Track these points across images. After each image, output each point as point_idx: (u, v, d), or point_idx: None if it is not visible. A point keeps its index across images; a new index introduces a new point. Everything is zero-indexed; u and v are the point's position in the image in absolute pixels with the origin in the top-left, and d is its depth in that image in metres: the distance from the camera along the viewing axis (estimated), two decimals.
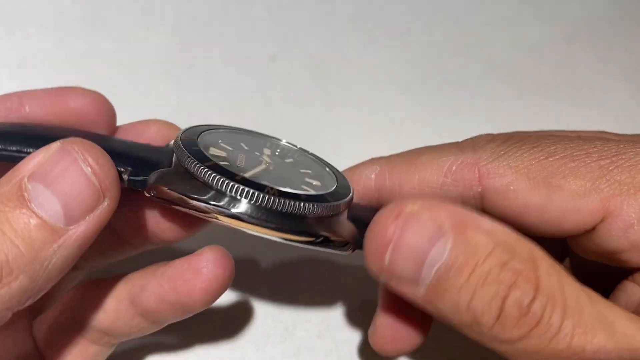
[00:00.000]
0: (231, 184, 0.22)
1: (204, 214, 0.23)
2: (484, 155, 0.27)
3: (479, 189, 0.26)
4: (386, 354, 0.29)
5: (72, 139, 0.22)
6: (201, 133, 0.25)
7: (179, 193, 0.23)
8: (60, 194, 0.21)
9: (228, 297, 0.39)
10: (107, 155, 0.22)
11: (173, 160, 0.25)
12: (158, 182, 0.24)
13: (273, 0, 0.48)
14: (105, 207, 0.22)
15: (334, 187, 0.26)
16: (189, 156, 0.23)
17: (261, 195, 0.22)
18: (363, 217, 0.25)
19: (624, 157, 0.25)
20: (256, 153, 0.26)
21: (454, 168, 0.27)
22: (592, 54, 0.49)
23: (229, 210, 0.22)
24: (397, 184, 0.28)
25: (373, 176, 0.29)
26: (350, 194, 0.26)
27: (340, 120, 0.45)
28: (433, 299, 0.21)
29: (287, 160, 0.27)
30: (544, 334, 0.20)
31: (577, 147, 0.25)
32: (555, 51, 0.49)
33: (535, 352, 0.20)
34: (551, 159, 0.25)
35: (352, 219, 0.26)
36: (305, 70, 0.47)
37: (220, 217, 0.23)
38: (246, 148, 0.26)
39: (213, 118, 0.39)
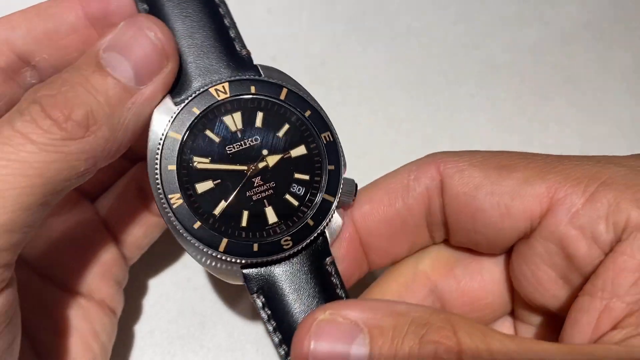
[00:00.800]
0: None
1: None
2: (440, 155, 0.29)
3: (439, 180, 0.28)
4: None
5: (138, 14, 0.26)
6: None
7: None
8: (131, 58, 0.24)
9: (228, 298, 0.39)
10: (167, 27, 0.26)
11: None
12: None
13: (273, 1, 0.48)
14: (169, 69, 0.26)
15: None
16: None
17: None
18: None
19: (567, 160, 0.27)
20: None
21: (414, 167, 0.29)
22: (592, 54, 0.49)
23: None
24: (369, 202, 0.30)
25: (348, 234, 0.30)
26: None
27: (340, 121, 0.45)
28: None
29: None
30: None
31: (524, 153, 0.28)
32: (555, 51, 0.49)
33: None
34: (502, 156, 0.28)
35: None
36: (305, 71, 0.47)
37: None
38: None
39: None
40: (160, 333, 0.38)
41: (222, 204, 0.26)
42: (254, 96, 0.27)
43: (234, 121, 0.27)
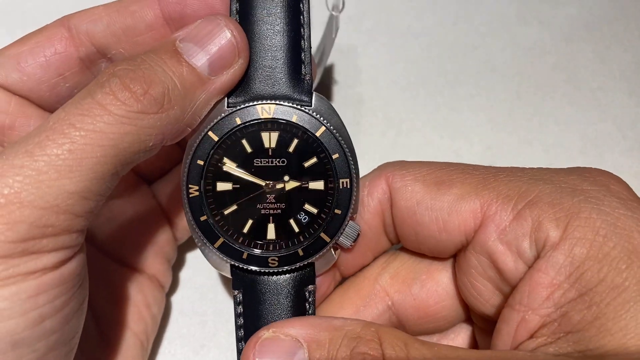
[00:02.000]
0: None
1: None
2: (390, 167, 0.31)
3: (388, 194, 0.30)
4: None
5: (217, 13, 0.28)
6: None
7: None
8: (206, 49, 0.26)
9: (228, 298, 0.39)
10: (241, 28, 0.28)
11: None
12: None
13: None
14: (240, 64, 0.28)
15: None
16: None
17: None
18: None
19: (503, 173, 0.29)
20: None
21: (367, 182, 0.31)
22: (591, 53, 0.49)
23: None
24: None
25: None
26: None
27: None
28: None
29: None
30: None
31: (466, 166, 0.30)
32: (554, 51, 0.49)
33: None
34: (445, 170, 0.30)
35: None
36: None
37: None
38: None
39: None
40: (161, 332, 0.38)
41: (233, 207, 0.29)
42: (294, 124, 0.29)
43: (269, 139, 0.29)
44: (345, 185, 0.29)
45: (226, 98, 0.29)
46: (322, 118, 0.29)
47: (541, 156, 0.45)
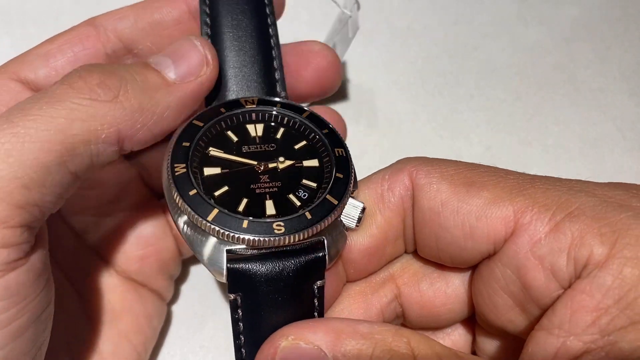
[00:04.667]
0: None
1: None
2: (413, 162, 0.28)
3: (410, 190, 0.27)
4: None
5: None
6: None
7: None
8: (174, 57, 0.27)
9: (227, 298, 0.39)
10: (212, 45, 0.28)
11: None
12: None
13: None
14: (208, 74, 0.27)
15: None
16: None
17: None
18: None
19: (540, 181, 0.26)
20: None
21: (387, 176, 0.28)
22: (591, 54, 0.49)
23: None
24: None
25: None
26: None
27: None
28: None
29: None
30: None
31: (497, 170, 0.27)
32: (554, 51, 0.49)
33: None
34: (475, 171, 0.26)
35: None
36: None
37: None
38: None
39: None
40: (160, 333, 0.38)
41: (224, 188, 0.26)
42: (278, 111, 0.29)
43: (255, 129, 0.29)
44: (340, 154, 0.28)
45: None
46: (303, 106, 0.29)
47: (541, 156, 0.45)
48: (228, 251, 0.25)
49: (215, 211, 0.25)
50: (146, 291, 0.34)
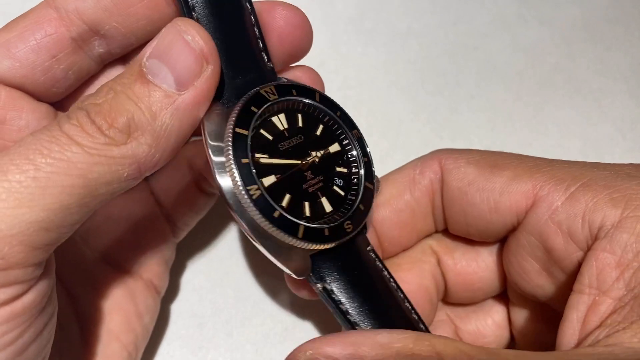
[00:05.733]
0: None
1: None
2: (443, 152, 0.32)
3: (440, 174, 0.31)
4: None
5: (179, 18, 0.25)
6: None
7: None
8: (170, 64, 0.24)
9: (227, 298, 0.39)
10: (206, 31, 0.25)
11: None
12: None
13: None
14: (210, 72, 0.25)
15: None
16: None
17: None
18: None
19: (557, 162, 0.29)
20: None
21: (419, 162, 0.32)
22: (591, 54, 0.49)
23: None
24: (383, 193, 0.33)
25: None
26: None
27: None
28: None
29: None
30: None
31: (520, 154, 0.31)
32: (554, 52, 0.49)
33: None
34: (498, 156, 0.30)
35: None
36: None
37: None
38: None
39: None
40: (159, 334, 0.37)
41: (287, 196, 0.27)
42: (296, 98, 0.28)
43: (280, 121, 0.28)
44: (359, 135, 0.30)
45: (218, 101, 0.27)
46: (312, 87, 0.29)
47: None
48: (311, 256, 0.28)
49: (302, 228, 0.26)
50: (138, 284, 0.33)
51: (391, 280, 0.30)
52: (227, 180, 0.26)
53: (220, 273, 0.39)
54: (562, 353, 0.24)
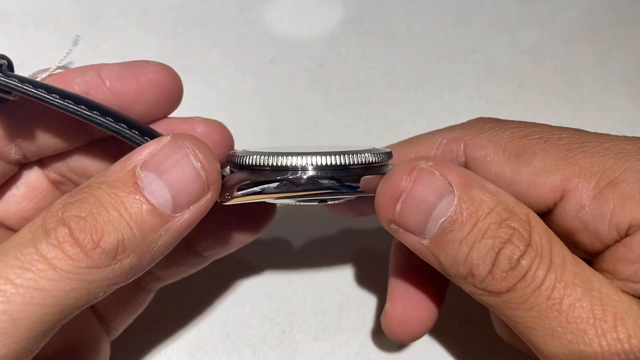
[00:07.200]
0: (297, 156, 0.25)
1: (282, 194, 0.25)
2: (470, 131, 0.29)
3: (463, 160, 0.29)
4: (398, 337, 0.31)
5: (182, 134, 0.24)
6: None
7: (258, 183, 0.25)
8: (171, 184, 0.23)
9: (224, 299, 0.39)
10: (213, 151, 0.24)
11: (228, 170, 0.27)
12: (234, 183, 0.25)
13: (272, 2, 0.48)
14: (209, 198, 0.24)
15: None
16: (254, 153, 0.25)
17: (330, 157, 0.25)
18: None
19: (590, 145, 0.27)
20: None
21: (444, 142, 0.30)
22: (591, 56, 0.49)
23: (304, 176, 0.24)
24: (398, 160, 0.30)
25: None
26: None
27: (339, 123, 0.45)
28: (435, 250, 0.23)
29: None
30: (528, 285, 0.22)
31: (551, 131, 0.28)
32: (554, 53, 0.48)
33: (519, 304, 0.22)
34: (528, 138, 0.28)
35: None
36: (303, 72, 0.47)
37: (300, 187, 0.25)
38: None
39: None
40: (157, 336, 0.37)
41: None
42: None
43: None
44: None
45: None
46: None
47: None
48: None
49: None
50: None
51: None
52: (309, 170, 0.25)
53: (217, 274, 0.39)
54: None
